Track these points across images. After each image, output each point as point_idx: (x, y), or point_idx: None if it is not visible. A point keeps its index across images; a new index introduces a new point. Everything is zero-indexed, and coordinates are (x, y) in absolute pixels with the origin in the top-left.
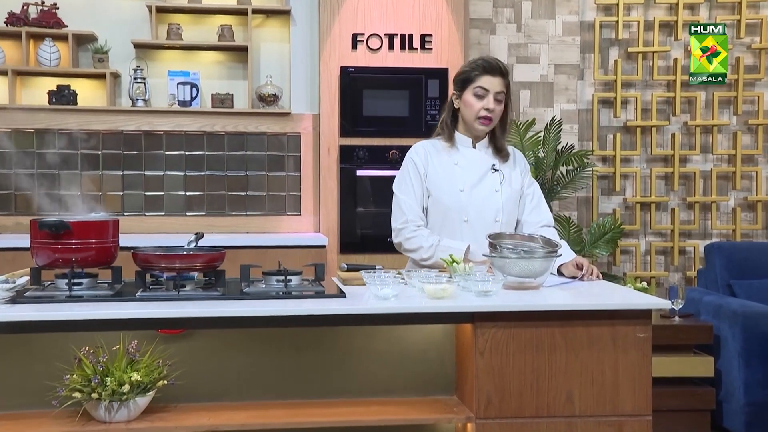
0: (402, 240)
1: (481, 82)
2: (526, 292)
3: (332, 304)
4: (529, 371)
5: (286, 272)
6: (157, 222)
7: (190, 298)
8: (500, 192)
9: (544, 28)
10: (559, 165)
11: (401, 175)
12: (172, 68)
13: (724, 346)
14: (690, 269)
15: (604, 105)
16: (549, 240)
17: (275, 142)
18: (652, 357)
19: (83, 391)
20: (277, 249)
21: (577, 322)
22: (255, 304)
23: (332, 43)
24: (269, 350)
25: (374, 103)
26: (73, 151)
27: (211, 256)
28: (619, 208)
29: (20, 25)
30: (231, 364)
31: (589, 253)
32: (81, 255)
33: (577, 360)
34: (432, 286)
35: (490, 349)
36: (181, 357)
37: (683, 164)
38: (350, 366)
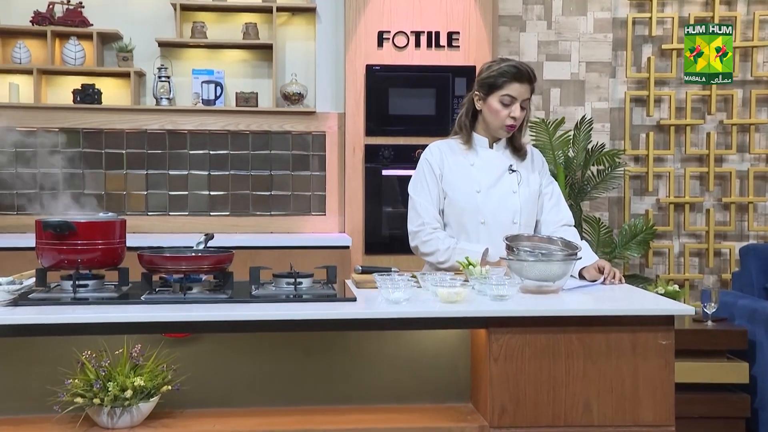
0: (418, 243)
1: (510, 90)
2: (544, 297)
3: (342, 308)
4: (545, 379)
5: (296, 275)
6: (180, 222)
7: (197, 301)
8: (518, 193)
9: (575, 25)
10: (589, 165)
11: (416, 177)
12: (197, 67)
13: (760, 351)
14: (725, 272)
15: (637, 103)
16: (569, 242)
17: (300, 141)
18: (683, 362)
19: (85, 396)
20: (300, 249)
21: (595, 328)
22: (262, 307)
23: (358, 40)
24: (278, 355)
25: (400, 102)
26: (98, 150)
27: (218, 257)
28: (652, 208)
29: (46, 24)
30: (238, 369)
31: (621, 255)
32: (86, 256)
33: (595, 367)
34: (445, 290)
35: (504, 355)
36: (186, 361)
37: (719, 164)
38: (361, 371)
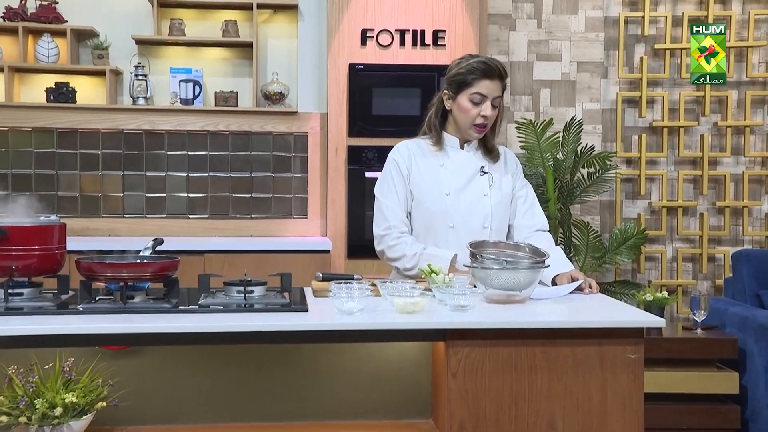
0: (384, 248)
1: (480, 87)
2: (508, 307)
3: (291, 319)
4: (506, 395)
5: (246, 283)
6: (158, 225)
7: (137, 311)
8: (489, 196)
9: (567, 24)
10: (578, 167)
11: (383, 177)
12: (175, 65)
13: (750, 361)
14: (720, 277)
15: (629, 104)
16: (536, 249)
17: (281, 142)
18: (671, 372)
19: (11, 415)
20: (277, 254)
21: (560, 341)
22: (205, 318)
23: (341, 39)
24: (227, 368)
25: (384, 102)
26: (72, 150)
27: (162, 264)
28: (644, 212)
29: (18, 20)
30: (184, 383)
31: (611, 260)
32: (21, 263)
33: (561, 383)
34: (402, 299)
35: (463, 370)
36: (127, 375)
37: (713, 167)
38: (316, 385)
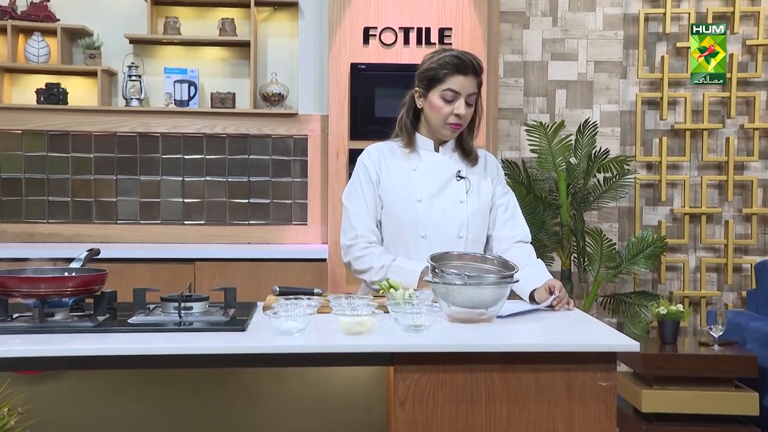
0: (351, 259)
1: (452, 83)
2: (466, 327)
3: (222, 339)
4: (461, 427)
5: (183, 298)
6: (152, 231)
7: (55, 330)
8: (466, 203)
9: (583, 22)
10: (593, 172)
11: (351, 183)
12: (170, 65)
13: None
14: (747, 289)
15: (650, 106)
16: (506, 262)
17: (280, 145)
18: (686, 391)
19: None
20: (272, 262)
21: (522, 366)
22: (130, 338)
23: (342, 37)
24: (157, 392)
25: (387, 103)
26: (64, 154)
27: (83, 278)
28: (665, 220)
29: (6, 18)
30: (110, 410)
31: (627, 270)
32: None
33: (523, 413)
34: (347, 318)
35: (412, 398)
36: (43, 402)
37: (739, 172)
38: (258, 412)
